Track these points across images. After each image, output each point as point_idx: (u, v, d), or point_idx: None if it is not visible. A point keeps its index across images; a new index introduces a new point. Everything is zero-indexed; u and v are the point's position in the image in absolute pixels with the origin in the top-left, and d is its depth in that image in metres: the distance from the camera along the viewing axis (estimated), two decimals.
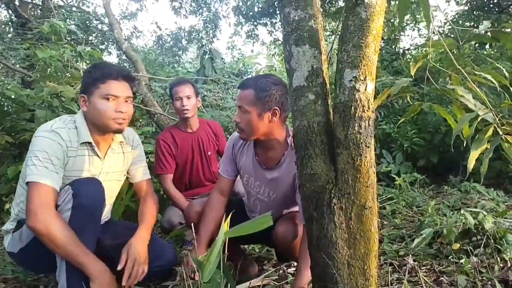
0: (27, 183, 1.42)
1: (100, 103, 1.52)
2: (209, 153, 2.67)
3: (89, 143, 1.56)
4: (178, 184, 2.65)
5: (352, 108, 1.05)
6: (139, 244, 1.58)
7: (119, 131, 1.59)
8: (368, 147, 1.05)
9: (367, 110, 1.05)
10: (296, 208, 1.77)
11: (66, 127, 1.53)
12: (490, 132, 1.10)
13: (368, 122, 1.05)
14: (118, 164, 1.71)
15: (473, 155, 1.09)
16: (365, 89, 1.05)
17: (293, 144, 1.62)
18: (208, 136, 2.70)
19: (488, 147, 1.09)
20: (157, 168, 2.60)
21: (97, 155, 1.60)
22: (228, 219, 1.21)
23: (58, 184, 1.45)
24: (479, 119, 1.10)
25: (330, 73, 1.26)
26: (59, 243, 1.36)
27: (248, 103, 1.53)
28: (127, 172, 1.81)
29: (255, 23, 10.97)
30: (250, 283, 1.48)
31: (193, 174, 2.67)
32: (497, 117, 1.09)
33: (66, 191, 1.45)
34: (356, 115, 1.04)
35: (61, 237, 1.36)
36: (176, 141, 2.61)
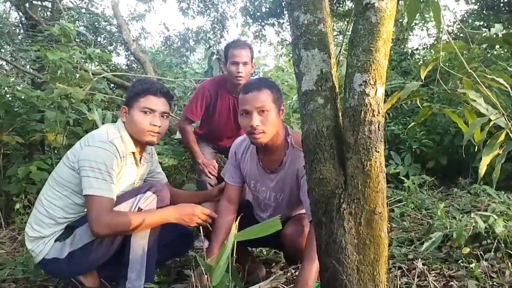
0: (87, 195, 1.51)
1: (137, 115, 1.65)
2: None
3: (133, 152, 1.70)
4: (203, 127, 2.74)
5: (362, 112, 1.04)
6: None
7: (152, 143, 1.72)
8: (378, 152, 1.04)
9: (377, 115, 1.04)
10: (303, 211, 1.76)
11: (117, 137, 1.64)
12: (502, 137, 1.08)
13: (378, 127, 1.04)
14: (146, 172, 1.88)
15: (485, 161, 1.08)
16: (375, 94, 1.04)
17: (293, 142, 1.63)
18: None
19: (500, 152, 1.07)
20: (188, 110, 2.61)
21: (136, 164, 1.74)
22: (237, 222, 1.21)
23: (114, 194, 1.56)
24: (491, 124, 1.09)
25: (339, 74, 1.25)
26: (133, 226, 1.50)
27: (269, 103, 1.55)
28: (152, 177, 1.94)
29: (263, 24, 10.97)
30: (259, 286, 1.48)
31: (220, 131, 2.68)
32: (509, 122, 1.08)
33: (150, 196, 1.61)
34: (366, 119, 1.04)
35: (130, 220, 1.50)
36: (218, 98, 2.56)
